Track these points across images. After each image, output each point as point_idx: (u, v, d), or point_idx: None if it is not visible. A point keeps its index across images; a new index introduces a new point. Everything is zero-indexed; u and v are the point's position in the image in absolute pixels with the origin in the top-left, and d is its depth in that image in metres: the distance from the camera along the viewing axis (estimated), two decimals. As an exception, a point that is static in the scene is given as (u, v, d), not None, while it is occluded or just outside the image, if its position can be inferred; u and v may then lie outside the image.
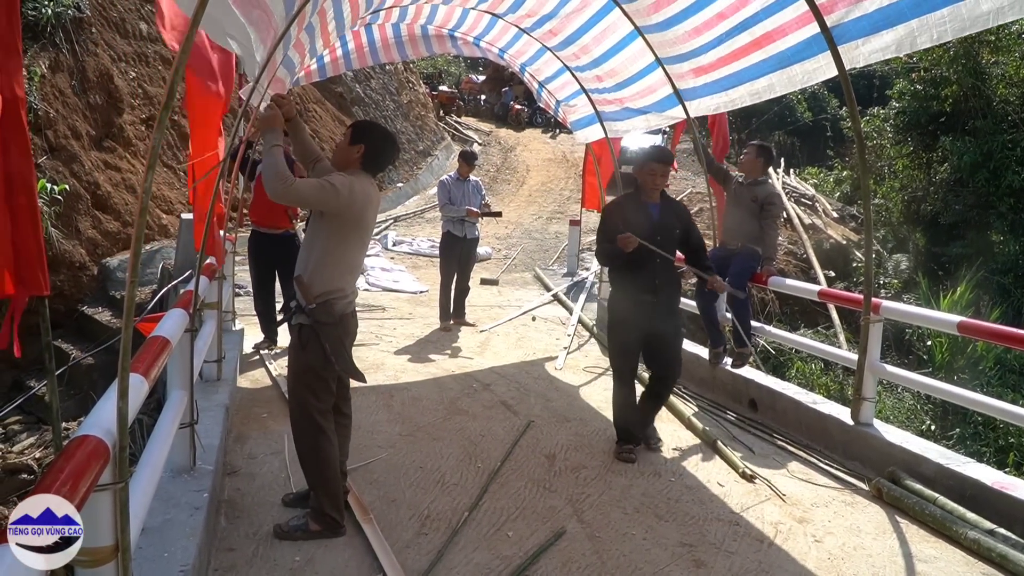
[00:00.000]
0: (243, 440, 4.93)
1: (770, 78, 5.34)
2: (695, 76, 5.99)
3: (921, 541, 4.01)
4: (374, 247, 13.30)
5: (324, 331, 3.60)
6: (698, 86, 6.12)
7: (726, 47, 5.35)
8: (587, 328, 8.81)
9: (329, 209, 3.56)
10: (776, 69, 5.20)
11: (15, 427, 6.83)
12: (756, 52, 5.18)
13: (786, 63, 5.07)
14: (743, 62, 5.37)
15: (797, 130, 31.96)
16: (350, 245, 3.66)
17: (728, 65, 5.53)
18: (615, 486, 4.55)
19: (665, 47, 5.95)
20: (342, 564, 3.54)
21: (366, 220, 3.68)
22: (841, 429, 5.14)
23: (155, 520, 3.27)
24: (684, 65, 5.95)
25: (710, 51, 5.52)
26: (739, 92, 5.76)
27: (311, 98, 17.53)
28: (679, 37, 5.62)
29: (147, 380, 2.71)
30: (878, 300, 5.12)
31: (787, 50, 4.95)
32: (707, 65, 5.72)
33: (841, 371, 10.88)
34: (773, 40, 4.97)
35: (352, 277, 3.76)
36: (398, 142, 3.88)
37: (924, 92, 16.55)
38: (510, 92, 31.18)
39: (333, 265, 3.62)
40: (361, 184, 3.60)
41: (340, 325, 3.65)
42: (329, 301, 3.61)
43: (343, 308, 3.67)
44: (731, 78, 5.66)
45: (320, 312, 3.60)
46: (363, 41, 8.55)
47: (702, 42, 5.48)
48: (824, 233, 16.52)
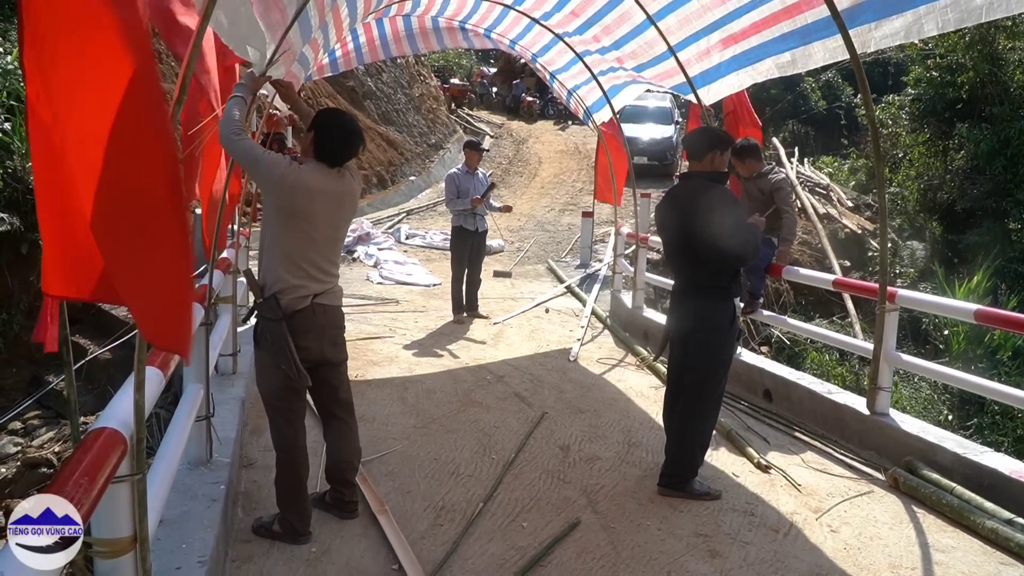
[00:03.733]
0: (259, 433, 4.95)
1: (793, 53, 5.23)
2: (722, 48, 5.83)
3: (938, 531, 3.99)
4: (387, 240, 13.32)
5: (268, 327, 3.48)
6: (724, 61, 5.96)
7: (758, 12, 5.20)
8: (601, 320, 8.80)
9: (254, 178, 3.63)
10: (800, 44, 5.07)
11: (34, 422, 6.89)
12: (786, 21, 5.05)
13: (810, 38, 4.96)
14: (773, 31, 5.19)
15: (811, 119, 31.69)
16: (292, 237, 3.46)
17: (759, 33, 5.34)
18: (629, 477, 4.55)
19: (690, 21, 5.80)
20: (358, 555, 3.56)
21: (308, 211, 3.44)
22: (857, 419, 5.11)
23: (173, 512, 3.30)
24: (713, 36, 5.79)
25: (743, 16, 5.37)
26: (766, 65, 5.60)
27: (323, 93, 17.56)
28: (707, 4, 5.50)
29: (164, 373, 2.74)
30: (894, 289, 5.09)
31: (813, 23, 4.82)
32: (738, 33, 5.56)
33: (857, 361, 10.83)
34: (802, 10, 4.86)
35: (304, 272, 3.49)
36: (352, 130, 3.55)
37: (940, 79, 16.39)
38: (521, 84, 31.05)
39: (276, 258, 3.48)
40: (304, 172, 3.42)
41: (292, 321, 3.46)
42: (275, 296, 3.46)
43: (293, 304, 3.46)
44: (759, 49, 5.49)
45: (264, 307, 3.50)
46: (374, 35, 8.54)
47: (734, 6, 5.34)
48: (839, 222, 16.41)
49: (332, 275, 3.65)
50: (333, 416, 3.85)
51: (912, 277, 14.85)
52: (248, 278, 3.61)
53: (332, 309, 3.65)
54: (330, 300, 3.63)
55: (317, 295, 3.54)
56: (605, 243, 13.28)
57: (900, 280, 14.52)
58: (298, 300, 3.48)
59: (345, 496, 3.89)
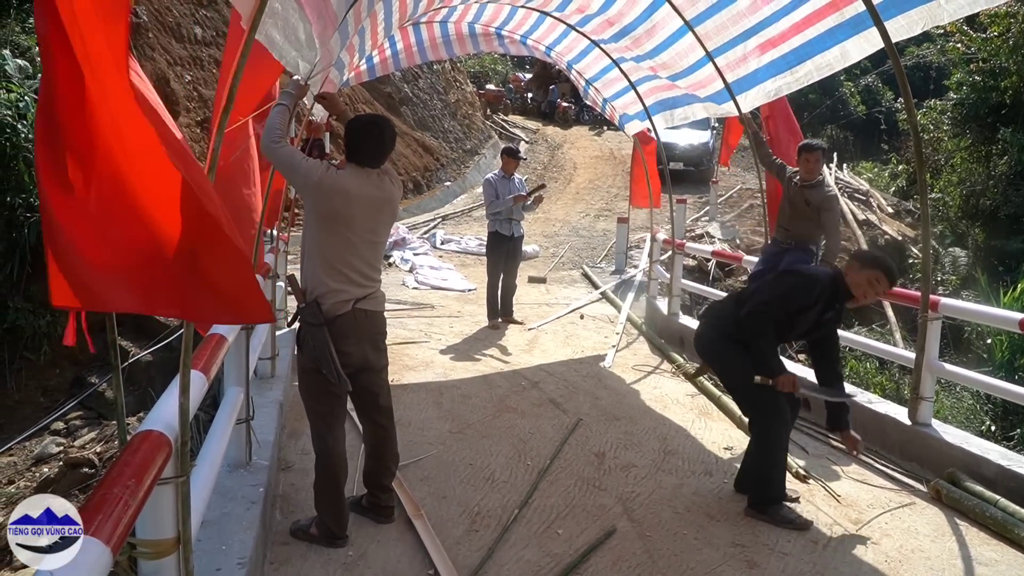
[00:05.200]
0: (296, 436, 5.01)
1: (843, 46, 5.09)
2: (760, 53, 5.75)
3: (981, 544, 3.91)
4: (422, 245, 13.40)
5: (310, 332, 3.51)
6: (761, 67, 5.87)
7: (799, 13, 5.11)
8: (636, 326, 8.76)
9: (294, 184, 3.65)
10: (850, 35, 4.93)
11: (76, 422, 7.01)
12: (832, 15, 4.92)
13: (862, 26, 4.78)
14: (817, 28, 5.08)
15: (850, 124, 31.35)
16: (331, 242, 3.49)
17: (801, 32, 5.23)
18: (666, 485, 4.52)
19: (726, 27, 5.74)
20: (394, 559, 3.58)
21: (346, 215, 3.47)
22: (898, 429, 5.03)
23: (213, 513, 3.34)
24: (750, 42, 5.72)
25: (781, 19, 5.30)
26: (806, 68, 5.49)
27: (360, 98, 17.71)
28: (743, 10, 5.44)
29: (206, 376, 2.78)
30: (936, 297, 5.01)
31: (863, 13, 4.63)
32: (776, 37, 5.47)
33: (897, 370, 10.65)
34: (845, 4, 4.76)
35: (344, 276, 3.50)
36: (380, 128, 3.57)
37: (983, 83, 16.10)
38: (556, 90, 31.09)
39: (317, 263, 3.51)
40: (341, 175, 3.45)
41: (334, 326, 3.48)
42: (316, 301, 3.49)
43: (335, 309, 3.49)
44: (800, 51, 5.39)
45: (306, 312, 3.52)
46: (411, 40, 8.61)
47: (771, 10, 5.25)
48: (879, 229, 16.16)
49: (374, 280, 3.67)
50: (373, 422, 3.86)
51: (954, 285, 14.58)
52: (291, 283, 3.66)
53: (374, 314, 3.67)
54: (372, 305, 3.64)
55: (359, 300, 3.55)
56: (640, 249, 13.23)
57: (942, 288, 14.26)
58: (339, 305, 3.50)
59: (382, 500, 3.92)
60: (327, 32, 3.74)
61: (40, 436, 6.69)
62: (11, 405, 7.37)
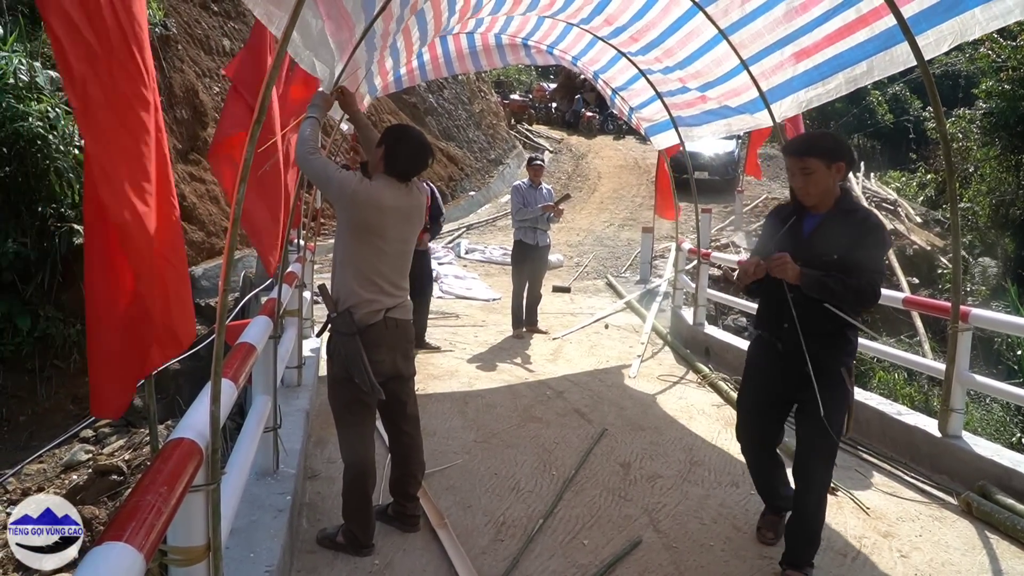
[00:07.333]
0: (323, 444, 5.04)
1: (871, 61, 5.08)
2: (795, 62, 5.73)
3: (1013, 557, 3.85)
4: (447, 255, 13.44)
5: (342, 341, 3.55)
6: (796, 75, 5.84)
7: (832, 24, 5.09)
8: (661, 336, 8.73)
9: (327, 195, 3.69)
10: (881, 50, 4.88)
11: (105, 430, 7.09)
12: (862, 30, 4.92)
13: (892, 41, 4.74)
14: (848, 41, 5.04)
15: (878, 132, 31.03)
16: (364, 252, 3.54)
17: (833, 45, 5.19)
18: (692, 496, 4.50)
19: (762, 35, 5.72)
20: (419, 569, 3.59)
21: (379, 226, 3.52)
22: (928, 441, 4.96)
23: (241, 521, 3.37)
24: (786, 49, 5.69)
25: (814, 29, 5.26)
26: (837, 80, 5.43)
27: (385, 109, 17.83)
28: (778, 19, 5.43)
29: (236, 385, 2.80)
30: (967, 308, 4.94)
31: (894, 27, 4.57)
32: (811, 47, 5.44)
33: (926, 381, 10.53)
34: (880, 16, 4.73)
35: (376, 286, 3.56)
36: (420, 145, 3.65)
37: (1013, 92, 15.89)
38: (581, 99, 31.13)
39: (349, 273, 3.55)
40: (375, 186, 3.50)
41: (365, 335, 3.52)
42: (348, 310, 3.53)
43: (367, 318, 3.53)
44: (833, 62, 5.36)
45: (338, 322, 3.57)
46: (438, 52, 8.66)
47: (804, 21, 5.23)
48: (907, 239, 16.01)
49: (403, 288, 3.71)
50: (400, 430, 3.88)
51: (984, 295, 14.39)
52: (322, 293, 3.69)
53: (403, 323, 3.71)
54: (402, 314, 3.68)
55: (389, 309, 3.59)
56: (665, 258, 13.18)
57: (971, 298, 14.08)
58: (371, 314, 3.55)
59: (408, 509, 3.93)
60: (342, 34, 3.76)
61: (69, 444, 6.77)
62: (41, 413, 7.49)
